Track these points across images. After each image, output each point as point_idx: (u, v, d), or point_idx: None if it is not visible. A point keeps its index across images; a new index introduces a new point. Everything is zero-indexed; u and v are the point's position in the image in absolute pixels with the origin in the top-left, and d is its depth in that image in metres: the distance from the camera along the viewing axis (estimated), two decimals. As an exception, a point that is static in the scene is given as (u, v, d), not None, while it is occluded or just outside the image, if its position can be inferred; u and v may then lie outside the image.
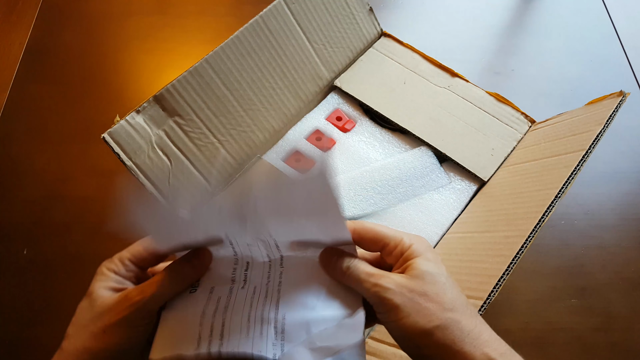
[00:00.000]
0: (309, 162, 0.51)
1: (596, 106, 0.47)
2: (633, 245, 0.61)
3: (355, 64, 0.56)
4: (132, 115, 0.41)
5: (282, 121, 0.51)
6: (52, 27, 0.78)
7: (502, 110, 0.53)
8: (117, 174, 0.65)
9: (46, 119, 0.69)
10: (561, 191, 0.40)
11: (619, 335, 0.56)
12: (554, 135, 0.47)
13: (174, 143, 0.44)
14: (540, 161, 0.45)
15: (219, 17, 0.80)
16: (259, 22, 0.47)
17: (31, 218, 0.61)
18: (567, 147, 0.44)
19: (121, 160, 0.41)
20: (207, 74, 0.45)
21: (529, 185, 0.43)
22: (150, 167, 0.42)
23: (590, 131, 0.43)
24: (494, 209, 0.44)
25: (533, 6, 0.83)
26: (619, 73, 0.76)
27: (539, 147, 0.47)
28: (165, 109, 0.43)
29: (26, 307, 0.56)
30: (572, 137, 0.45)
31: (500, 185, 0.47)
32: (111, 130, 0.40)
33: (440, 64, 0.56)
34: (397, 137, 0.53)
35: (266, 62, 0.48)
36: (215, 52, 0.45)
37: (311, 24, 0.51)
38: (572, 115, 0.48)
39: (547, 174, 0.43)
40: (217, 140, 0.46)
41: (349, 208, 0.47)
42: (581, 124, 0.46)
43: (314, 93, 0.53)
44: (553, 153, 0.45)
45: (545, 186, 0.41)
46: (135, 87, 0.73)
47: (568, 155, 0.43)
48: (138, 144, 0.42)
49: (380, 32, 0.58)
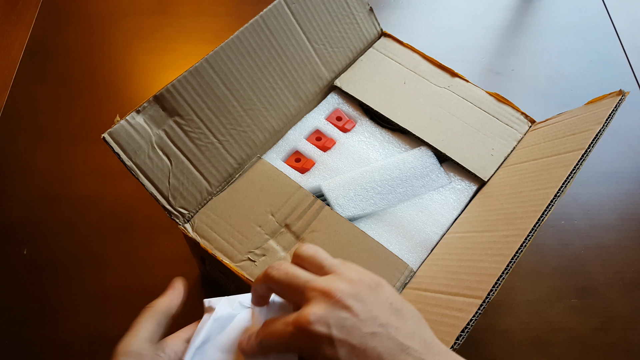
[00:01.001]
0: (309, 162, 0.51)
1: (595, 105, 0.47)
2: (633, 245, 0.62)
3: (355, 64, 0.56)
4: (132, 115, 0.41)
5: (282, 121, 0.51)
6: (52, 27, 0.78)
7: (502, 110, 0.53)
8: (117, 174, 0.65)
9: (46, 119, 0.69)
10: (560, 190, 0.40)
11: (619, 335, 0.56)
12: (554, 134, 0.47)
13: (174, 143, 0.44)
14: (540, 161, 0.45)
15: (219, 17, 0.80)
16: (259, 22, 0.47)
17: (31, 218, 0.61)
18: (567, 146, 0.44)
19: (121, 160, 0.41)
20: (207, 73, 0.44)
21: (529, 184, 0.43)
22: (150, 167, 0.42)
23: (590, 130, 0.43)
24: (493, 209, 0.44)
25: (533, 6, 0.83)
26: (619, 73, 0.76)
27: (538, 146, 0.47)
28: (166, 109, 0.43)
29: (26, 307, 0.56)
30: (571, 137, 0.45)
31: (500, 185, 0.47)
32: (111, 130, 0.40)
33: (440, 64, 0.56)
34: (397, 137, 0.53)
35: (266, 62, 0.48)
36: (216, 52, 0.45)
37: (311, 24, 0.51)
38: (572, 114, 0.48)
39: (546, 174, 0.43)
40: (217, 140, 0.46)
41: (349, 208, 0.47)
42: (580, 123, 0.46)
43: (314, 93, 0.53)
44: (552, 152, 0.45)
45: (545, 185, 0.41)
46: (135, 87, 0.74)
47: (567, 155, 0.43)
48: (138, 144, 0.41)
49: (380, 32, 0.58)
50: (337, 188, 0.48)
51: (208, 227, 0.44)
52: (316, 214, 0.45)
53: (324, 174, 0.50)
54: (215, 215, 0.45)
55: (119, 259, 0.59)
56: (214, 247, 0.43)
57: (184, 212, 0.44)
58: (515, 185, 0.45)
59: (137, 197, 0.63)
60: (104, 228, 0.61)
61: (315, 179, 0.50)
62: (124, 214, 0.62)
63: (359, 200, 0.48)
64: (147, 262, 0.59)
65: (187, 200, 0.44)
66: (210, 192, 0.46)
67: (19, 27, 0.78)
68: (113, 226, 0.61)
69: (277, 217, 0.45)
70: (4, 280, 0.58)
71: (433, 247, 0.46)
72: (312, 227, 0.45)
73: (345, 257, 0.43)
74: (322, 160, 0.51)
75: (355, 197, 0.48)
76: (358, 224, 0.47)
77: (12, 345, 0.54)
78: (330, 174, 0.50)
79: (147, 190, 0.42)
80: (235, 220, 0.45)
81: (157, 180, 0.43)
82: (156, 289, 0.60)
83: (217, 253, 0.43)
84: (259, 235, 0.44)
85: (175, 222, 0.44)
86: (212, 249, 0.43)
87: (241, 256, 0.43)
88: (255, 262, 0.43)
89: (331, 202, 0.47)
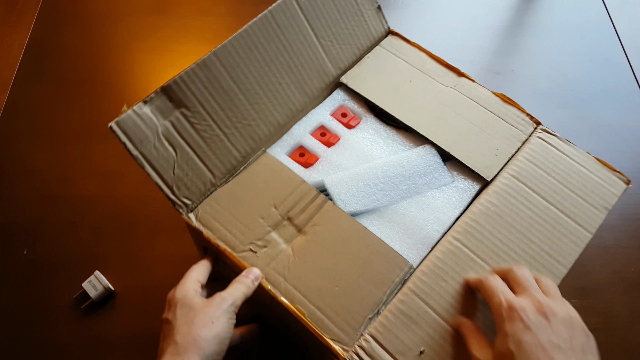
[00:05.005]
0: (313, 157, 0.51)
1: (605, 174, 0.49)
2: (633, 245, 0.62)
3: (362, 62, 0.56)
4: (139, 105, 0.41)
5: (288, 116, 0.51)
6: (52, 27, 0.78)
7: (507, 110, 0.53)
8: (117, 174, 0.65)
9: (46, 119, 0.69)
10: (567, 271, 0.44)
11: (619, 335, 0.56)
12: (564, 177, 0.48)
13: (180, 134, 0.44)
14: (552, 209, 0.46)
15: (219, 17, 0.80)
16: (268, 16, 0.48)
17: (31, 218, 0.61)
18: (577, 213, 0.46)
19: (127, 149, 0.41)
20: (214, 66, 0.45)
21: (541, 238, 0.45)
22: (155, 157, 0.42)
23: (598, 211, 0.47)
24: (503, 240, 0.45)
25: (533, 6, 0.83)
26: (619, 73, 0.76)
27: (549, 180, 0.48)
28: (172, 100, 0.43)
29: (26, 307, 0.56)
30: (582, 202, 0.47)
31: (511, 206, 0.47)
32: (118, 119, 0.40)
33: (447, 64, 0.56)
34: (402, 135, 0.53)
35: (273, 57, 0.49)
36: (224, 45, 0.45)
37: (319, 20, 0.52)
38: (582, 161, 0.49)
39: (557, 238, 0.45)
40: (222, 133, 0.46)
41: (351, 204, 0.47)
42: (591, 191, 0.48)
43: (319, 89, 0.53)
44: (565, 209, 0.46)
45: (555, 254, 0.45)
46: (135, 87, 0.74)
47: (578, 228, 0.46)
48: (144, 133, 0.42)
49: (387, 30, 0.58)
50: (340, 183, 0.48)
51: (211, 218, 0.45)
52: (319, 208, 0.45)
53: (328, 169, 0.50)
54: (219, 206, 0.45)
55: (119, 259, 0.59)
56: (217, 237, 0.44)
57: (188, 203, 0.45)
58: (526, 223, 0.46)
59: (137, 197, 0.63)
60: (104, 228, 0.61)
61: (319, 174, 0.50)
62: (124, 214, 0.62)
63: (362, 196, 0.48)
64: (147, 262, 0.59)
65: (191, 190, 0.45)
66: (214, 184, 0.46)
67: (19, 27, 0.78)
68: (113, 226, 0.61)
69: (280, 209, 0.45)
70: (4, 280, 0.58)
71: (434, 244, 0.46)
72: (314, 221, 0.45)
73: (347, 251, 0.43)
74: (325, 156, 0.51)
75: (357, 193, 0.48)
76: (360, 219, 0.47)
77: (12, 345, 0.54)
78: (334, 170, 0.50)
79: (152, 179, 0.42)
80: (239, 212, 0.45)
81: (162, 170, 0.43)
82: (156, 289, 0.60)
83: (219, 243, 0.43)
84: (261, 227, 0.44)
85: (178, 212, 0.44)
86: (215, 239, 0.43)
87: (243, 247, 0.43)
88: (257, 253, 0.43)
89: (334, 197, 0.47)
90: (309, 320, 0.40)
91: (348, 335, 0.40)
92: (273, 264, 0.43)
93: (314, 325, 0.40)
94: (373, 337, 0.40)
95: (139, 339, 0.54)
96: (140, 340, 0.54)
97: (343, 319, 0.40)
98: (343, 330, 0.40)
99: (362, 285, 0.42)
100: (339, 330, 0.40)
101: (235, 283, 0.41)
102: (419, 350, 0.39)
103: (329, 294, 0.41)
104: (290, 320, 0.42)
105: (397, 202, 0.49)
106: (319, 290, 0.41)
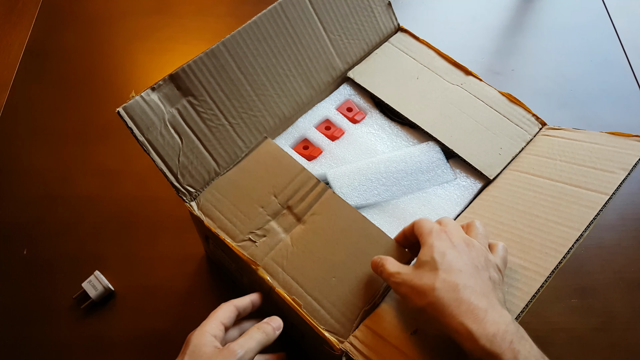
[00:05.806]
0: (317, 150, 0.51)
1: (619, 141, 0.46)
2: (633, 245, 0.62)
3: (370, 57, 0.56)
4: (147, 92, 0.41)
5: (293, 108, 0.51)
6: (52, 27, 0.78)
7: (513, 110, 0.53)
8: (117, 174, 0.65)
9: (46, 119, 0.69)
10: (582, 235, 0.40)
11: (619, 335, 0.56)
12: (572, 157, 0.47)
13: (186, 122, 0.44)
14: (558, 184, 0.45)
15: (219, 17, 0.80)
16: (277, 8, 0.48)
17: (31, 218, 0.61)
18: (588, 181, 0.44)
19: (134, 135, 0.41)
20: (223, 56, 0.45)
21: (546, 211, 0.43)
22: (161, 144, 0.43)
23: (614, 173, 0.43)
24: (505, 222, 0.44)
25: (533, 6, 0.83)
26: (619, 73, 0.76)
27: (554, 163, 0.47)
28: (180, 88, 0.43)
29: (26, 307, 0.56)
30: (593, 171, 0.44)
31: (512, 193, 0.46)
32: (126, 105, 0.40)
33: (455, 62, 0.56)
34: (406, 131, 0.53)
35: (281, 49, 0.49)
36: (232, 35, 0.45)
37: (329, 14, 0.52)
38: (592, 139, 0.47)
39: (566, 206, 0.43)
40: (228, 123, 0.46)
41: (352, 197, 0.47)
42: (603, 157, 0.45)
43: (326, 83, 0.53)
44: (572, 181, 0.44)
45: (565, 221, 0.41)
46: (135, 87, 0.73)
47: (590, 193, 0.42)
48: (151, 120, 0.42)
49: (397, 26, 0.58)
50: (342, 177, 0.48)
51: (212, 206, 0.45)
52: (318, 196, 0.45)
53: (331, 163, 0.51)
54: (220, 195, 0.45)
55: (119, 258, 0.59)
56: (217, 226, 0.44)
57: (192, 191, 0.45)
58: (529, 203, 0.45)
59: (137, 197, 0.63)
60: (104, 228, 0.61)
61: (322, 167, 0.50)
62: (124, 214, 0.62)
63: (363, 190, 0.48)
64: (147, 262, 0.59)
65: (195, 179, 0.45)
66: (218, 173, 0.46)
67: (19, 27, 0.78)
68: (113, 226, 0.61)
69: (280, 198, 0.45)
70: (4, 280, 0.57)
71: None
72: (314, 210, 0.45)
73: (346, 241, 0.43)
74: (329, 149, 0.51)
75: (359, 186, 0.48)
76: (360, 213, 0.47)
77: (12, 345, 0.54)
78: (337, 163, 0.50)
79: (157, 166, 0.43)
80: (239, 200, 0.45)
81: (168, 158, 0.43)
82: (156, 289, 0.60)
83: (219, 232, 0.43)
84: (261, 216, 0.44)
85: (179, 205, 0.45)
86: (216, 228, 0.43)
87: (242, 236, 0.43)
88: (256, 242, 0.43)
89: (335, 190, 0.47)
90: (305, 311, 0.40)
91: (344, 326, 0.40)
92: (272, 253, 0.43)
93: (310, 317, 0.40)
94: (368, 328, 0.40)
95: (139, 339, 0.54)
96: (140, 340, 0.54)
97: (339, 310, 0.40)
98: (339, 321, 0.40)
99: (359, 276, 0.42)
100: (334, 322, 0.40)
101: (253, 330, 0.39)
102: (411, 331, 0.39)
103: (326, 285, 0.41)
104: (287, 311, 0.42)
105: (399, 198, 0.49)
106: (316, 281, 0.41)
